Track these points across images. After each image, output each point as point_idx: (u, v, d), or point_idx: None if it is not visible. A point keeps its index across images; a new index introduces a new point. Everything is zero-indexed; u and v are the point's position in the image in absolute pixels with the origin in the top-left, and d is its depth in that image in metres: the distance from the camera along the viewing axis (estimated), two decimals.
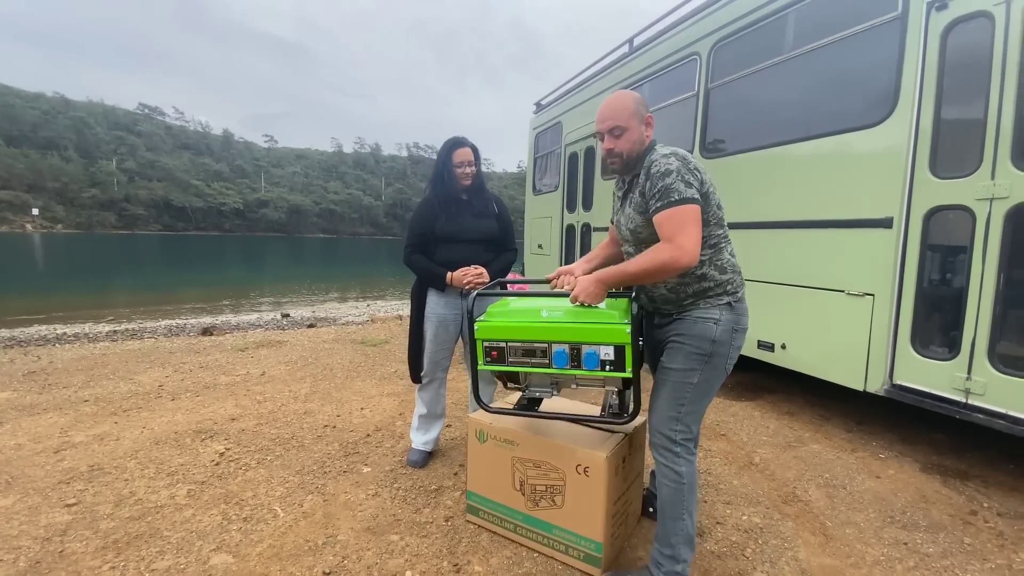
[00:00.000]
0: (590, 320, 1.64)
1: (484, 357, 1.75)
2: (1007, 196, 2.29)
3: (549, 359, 1.67)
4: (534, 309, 1.74)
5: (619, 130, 1.67)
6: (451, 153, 2.47)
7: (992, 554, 1.97)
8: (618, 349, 1.60)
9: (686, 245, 1.49)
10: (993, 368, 2.35)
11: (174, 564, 1.82)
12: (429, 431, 2.66)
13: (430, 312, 2.53)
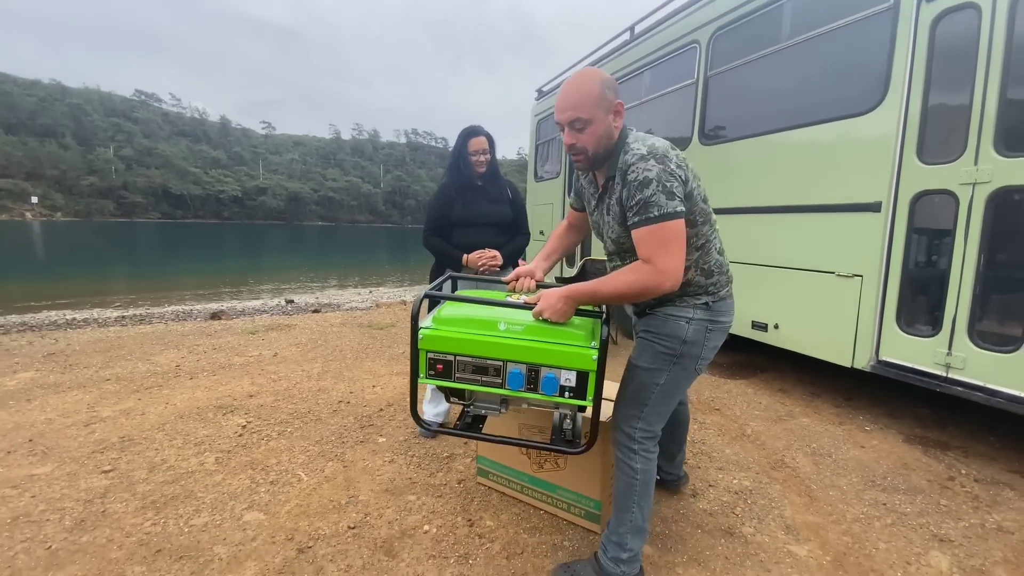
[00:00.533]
0: (554, 340, 1.47)
1: (427, 370, 1.55)
2: (989, 181, 2.42)
3: (503, 379, 1.50)
4: (491, 320, 1.54)
5: (581, 123, 1.46)
6: (467, 142, 2.61)
7: (966, 514, 2.13)
8: (581, 375, 1.45)
9: (668, 268, 1.36)
10: (972, 344, 2.49)
11: (210, 520, 1.98)
12: (440, 404, 2.82)
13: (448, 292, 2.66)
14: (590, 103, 1.44)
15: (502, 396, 1.61)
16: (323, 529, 1.92)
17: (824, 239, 3.19)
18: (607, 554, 1.61)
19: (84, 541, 1.86)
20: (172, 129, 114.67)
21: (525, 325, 1.52)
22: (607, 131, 1.48)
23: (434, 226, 2.68)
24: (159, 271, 17.64)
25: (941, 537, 1.95)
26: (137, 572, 1.69)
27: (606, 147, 1.50)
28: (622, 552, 1.59)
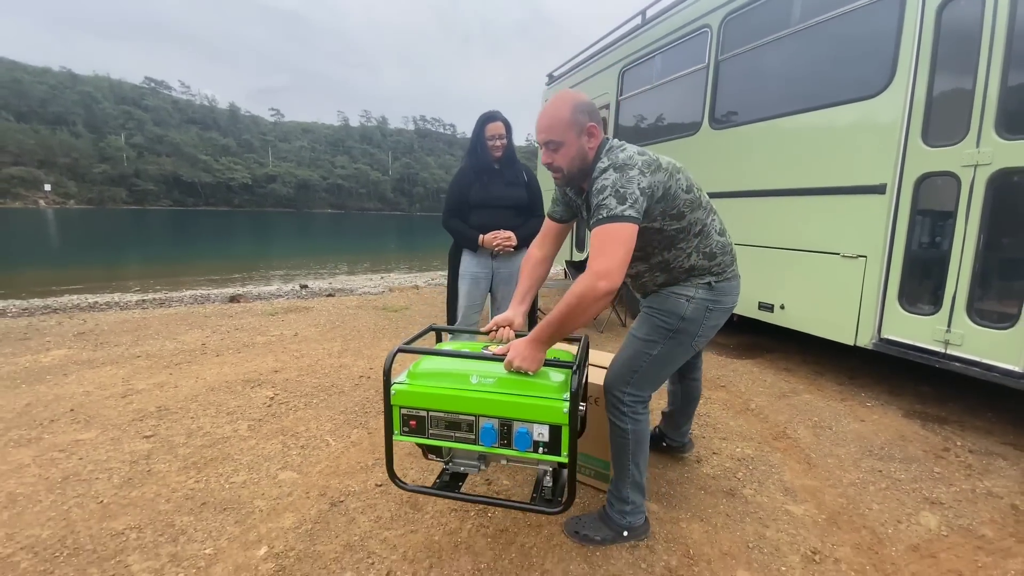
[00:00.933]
0: (523, 393, 1.44)
1: (401, 426, 1.53)
2: (990, 163, 2.49)
3: (476, 434, 1.47)
4: (463, 374, 1.51)
5: (554, 144, 1.56)
6: (484, 127, 2.73)
7: (958, 481, 2.24)
8: (554, 429, 1.41)
9: (600, 269, 1.37)
10: (971, 321, 2.58)
11: (249, 479, 2.14)
12: None
13: (464, 270, 2.83)
14: (562, 126, 1.54)
15: (479, 452, 1.56)
16: (353, 486, 2.08)
17: (830, 221, 3.26)
18: (612, 508, 1.76)
19: (133, 496, 2.02)
20: (182, 116, 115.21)
21: (497, 378, 1.48)
22: (580, 152, 1.57)
23: (453, 208, 2.81)
24: (173, 258, 17.94)
25: (932, 500, 2.07)
26: (186, 521, 1.85)
27: (580, 166, 1.59)
28: (625, 505, 1.73)
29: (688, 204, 1.59)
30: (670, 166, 1.57)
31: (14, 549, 1.70)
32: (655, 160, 1.53)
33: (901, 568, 1.66)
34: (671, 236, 1.62)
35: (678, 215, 1.58)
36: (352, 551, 1.70)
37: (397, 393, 1.50)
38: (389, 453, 1.60)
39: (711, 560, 1.68)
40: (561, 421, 1.39)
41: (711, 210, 1.70)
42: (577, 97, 1.57)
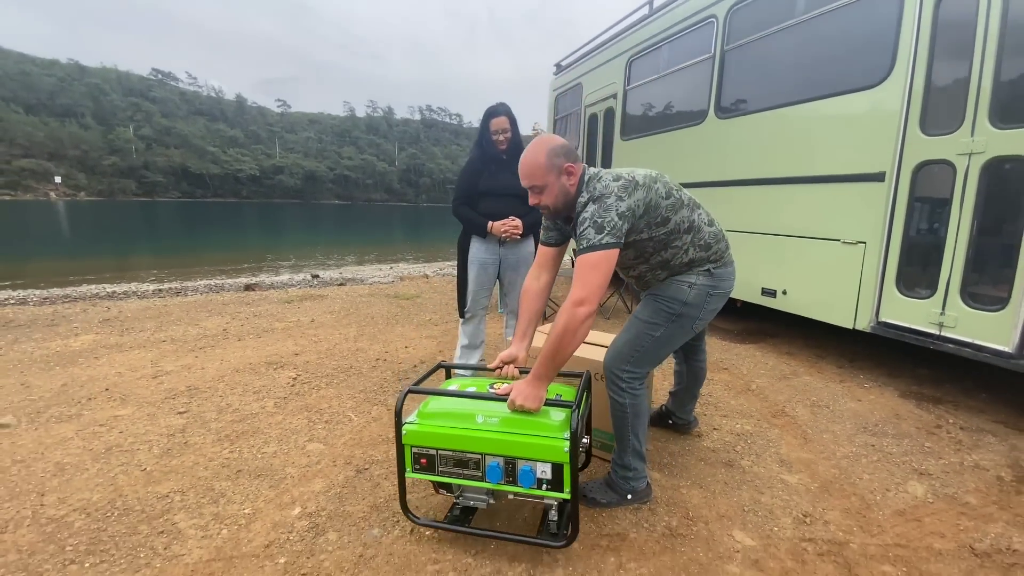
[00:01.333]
0: (526, 432, 1.53)
1: (412, 464, 1.63)
2: (984, 151, 2.58)
3: (482, 472, 1.55)
4: (469, 413, 1.61)
5: (537, 188, 1.72)
6: (489, 121, 2.84)
7: (947, 455, 2.36)
8: (556, 467, 1.49)
9: (578, 296, 1.54)
10: (964, 304, 2.69)
11: (279, 449, 2.30)
12: (471, 359, 3.10)
13: (473, 256, 2.95)
14: (541, 172, 1.69)
15: (487, 488, 1.62)
16: (376, 456, 2.23)
17: (831, 208, 3.36)
18: (616, 474, 1.90)
19: (174, 464, 2.19)
20: (189, 108, 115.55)
21: (501, 417, 1.57)
22: (562, 190, 1.72)
23: (463, 196, 2.93)
24: (183, 249, 18.16)
25: (921, 471, 2.19)
26: (224, 486, 2.02)
27: (565, 201, 1.74)
28: (627, 471, 1.87)
29: (670, 208, 1.71)
30: (647, 179, 1.69)
31: (67, 511, 1.86)
32: (631, 181, 1.66)
33: (887, 529, 1.79)
34: (663, 239, 1.75)
35: (663, 221, 1.71)
36: (378, 511, 1.85)
37: (408, 433, 1.60)
38: (402, 489, 1.69)
39: (708, 521, 1.82)
40: (562, 460, 1.47)
41: (694, 206, 1.81)
42: (551, 142, 1.72)
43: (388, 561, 1.59)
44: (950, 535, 1.77)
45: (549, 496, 1.54)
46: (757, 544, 1.70)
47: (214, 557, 1.61)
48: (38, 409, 2.74)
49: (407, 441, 1.61)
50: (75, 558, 1.61)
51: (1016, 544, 1.72)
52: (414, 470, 1.64)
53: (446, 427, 1.59)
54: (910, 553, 1.67)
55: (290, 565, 1.58)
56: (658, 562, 1.60)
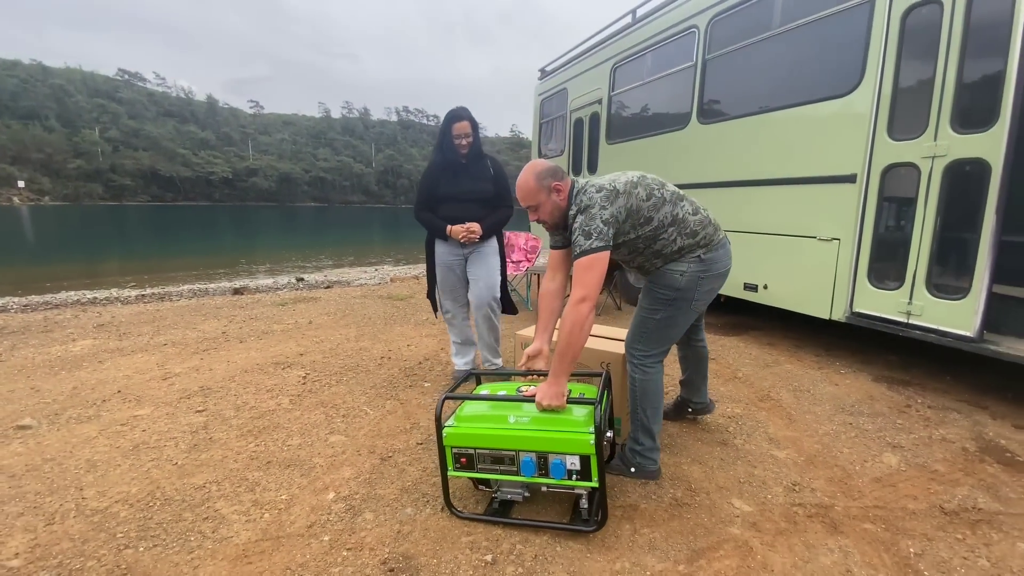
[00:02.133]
0: (555, 429, 1.69)
1: (454, 464, 1.79)
2: (946, 155, 2.84)
3: (517, 467, 1.72)
4: (502, 416, 1.78)
5: (533, 207, 1.97)
6: (451, 125, 2.88)
7: (917, 430, 2.60)
8: (584, 459, 1.65)
9: (579, 295, 1.76)
10: (929, 294, 2.95)
11: (303, 442, 2.42)
12: (466, 355, 3.25)
13: (439, 259, 3.07)
14: (532, 193, 1.93)
15: (522, 482, 1.78)
16: (397, 445, 2.37)
17: (807, 208, 3.61)
18: (626, 448, 2.12)
19: (204, 458, 2.29)
20: (158, 109, 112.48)
21: (532, 416, 1.74)
22: (554, 206, 1.96)
23: (423, 201, 3.01)
24: (155, 253, 17.82)
25: (894, 445, 2.43)
26: (257, 476, 2.13)
27: (559, 214, 1.98)
28: (636, 445, 2.09)
29: (651, 208, 1.92)
30: (627, 185, 1.89)
31: (109, 503, 1.96)
32: (613, 189, 1.87)
33: (866, 494, 2.01)
34: (650, 235, 1.96)
35: (647, 220, 1.92)
36: (408, 493, 1.99)
37: (448, 435, 1.76)
38: (445, 487, 1.85)
39: (710, 492, 2.01)
40: (589, 452, 1.63)
41: (677, 200, 1.98)
42: (537, 167, 1.96)
43: (425, 535, 1.74)
44: (922, 497, 2.00)
45: (579, 486, 1.70)
46: (754, 510, 1.90)
47: (261, 537, 1.74)
48: (55, 411, 2.80)
49: (448, 443, 1.77)
50: (128, 543, 1.72)
51: (981, 504, 1.96)
52: (455, 469, 1.80)
53: (482, 428, 1.75)
54: (887, 513, 1.88)
55: (334, 542, 1.71)
56: (668, 527, 1.79)
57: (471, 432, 1.75)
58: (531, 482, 1.75)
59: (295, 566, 1.60)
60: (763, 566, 1.60)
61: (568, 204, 1.94)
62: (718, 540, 1.72)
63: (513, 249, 5.81)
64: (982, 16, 2.70)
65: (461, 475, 1.82)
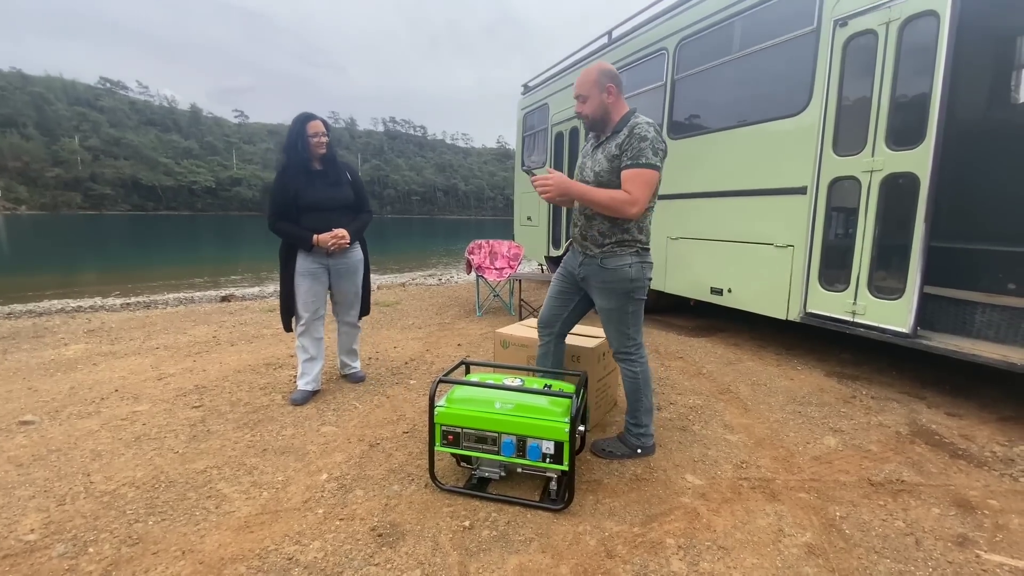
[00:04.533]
0: (535, 416, 1.90)
1: (441, 440, 1.99)
2: (882, 169, 3.15)
3: (498, 447, 1.93)
4: (489, 400, 1.98)
5: (582, 97, 2.12)
6: (305, 125, 2.82)
7: (858, 416, 2.87)
8: (558, 445, 1.86)
9: (639, 200, 2.00)
10: (871, 295, 3.24)
11: (296, 432, 2.61)
12: (312, 372, 3.05)
13: (302, 268, 2.93)
14: (588, 84, 2.12)
15: (501, 462, 2.00)
16: (384, 434, 2.57)
17: (765, 217, 3.91)
18: (630, 433, 2.36)
19: (203, 447, 2.46)
20: (140, 118, 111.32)
21: (515, 403, 1.95)
22: (600, 103, 2.13)
23: (280, 211, 2.85)
24: (139, 264, 17.68)
25: (836, 429, 2.69)
26: (255, 461, 2.31)
27: (602, 116, 2.15)
28: (640, 428, 2.34)
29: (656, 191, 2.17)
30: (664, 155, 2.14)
31: (116, 485, 2.13)
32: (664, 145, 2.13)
33: (804, 470, 2.26)
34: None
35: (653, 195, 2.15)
36: (395, 473, 2.19)
37: (440, 414, 1.98)
38: (431, 459, 2.06)
39: (666, 470, 2.25)
40: (563, 439, 1.85)
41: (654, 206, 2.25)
42: (603, 66, 2.15)
43: (410, 507, 1.95)
44: (853, 472, 2.25)
45: (552, 468, 1.90)
46: (704, 483, 2.13)
47: (261, 512, 1.93)
48: (55, 409, 2.94)
49: (438, 420, 1.98)
50: (138, 518, 1.89)
51: (905, 477, 2.22)
52: (442, 444, 2.01)
53: (471, 410, 1.97)
54: (821, 485, 2.14)
55: (328, 514, 1.91)
56: (627, 498, 2.01)
57: (460, 412, 1.96)
58: (509, 462, 1.97)
59: (293, 533, 1.79)
60: (707, 527, 1.84)
61: (620, 116, 2.13)
62: (670, 508, 1.96)
63: (496, 256, 6.05)
64: (911, 44, 3.03)
65: (446, 451, 2.02)
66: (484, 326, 5.11)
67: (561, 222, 7.10)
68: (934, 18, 2.90)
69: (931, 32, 2.92)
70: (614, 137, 2.10)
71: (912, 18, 3.01)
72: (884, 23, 3.14)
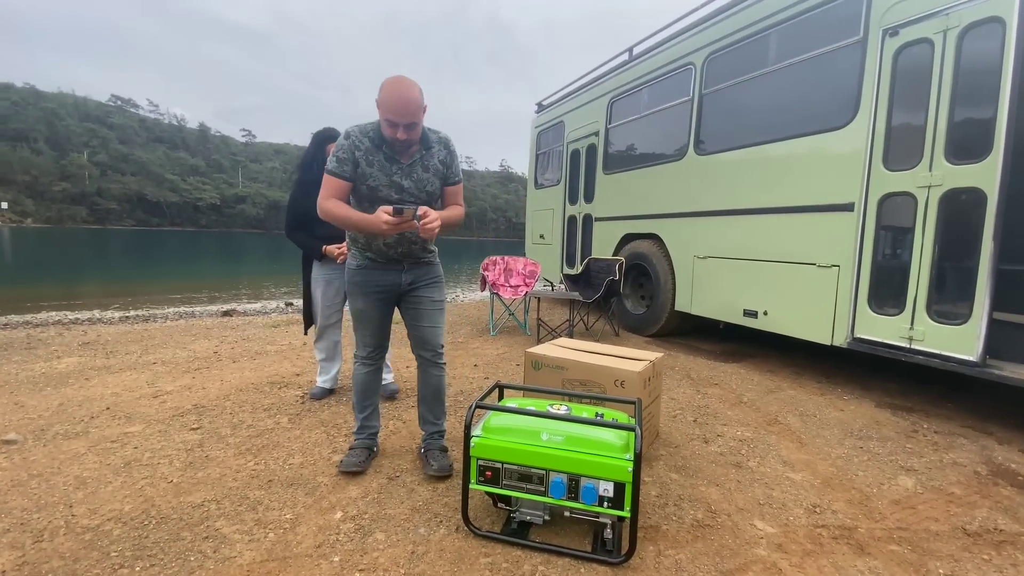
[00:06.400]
0: (591, 452, 1.60)
1: (477, 476, 1.71)
2: (941, 184, 2.93)
3: (545, 487, 1.64)
4: (534, 430, 1.69)
5: (413, 125, 1.92)
6: (323, 147, 3.05)
7: (927, 454, 2.59)
8: (618, 486, 1.56)
9: (463, 210, 2.19)
10: (930, 319, 2.99)
11: (305, 460, 2.33)
12: (330, 372, 3.28)
13: (317, 275, 3.13)
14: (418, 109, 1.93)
15: (544, 504, 1.71)
16: (404, 465, 2.29)
17: (806, 235, 3.68)
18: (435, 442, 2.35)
19: (200, 476, 2.18)
20: (149, 135, 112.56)
21: (565, 435, 1.65)
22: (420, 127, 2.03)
23: (295, 223, 3.07)
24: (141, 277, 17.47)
25: (907, 468, 2.41)
26: (259, 495, 2.03)
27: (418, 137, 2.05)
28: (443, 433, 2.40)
29: None
30: None
31: (101, 520, 1.85)
32: None
33: (887, 516, 1.97)
34: None
35: None
36: (419, 513, 1.91)
37: (476, 445, 1.69)
38: (465, 500, 1.76)
39: (730, 514, 1.96)
40: (626, 479, 1.55)
41: None
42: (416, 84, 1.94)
43: (441, 556, 1.66)
44: (943, 519, 1.97)
45: (610, 514, 1.61)
46: (777, 531, 1.85)
47: (267, 558, 1.64)
48: (40, 427, 2.67)
49: (475, 454, 1.70)
50: (123, 563, 1.61)
51: (1001, 525, 1.93)
52: (478, 482, 1.72)
53: (513, 442, 1.68)
54: (911, 535, 1.85)
55: (345, 563, 1.62)
56: (693, 549, 1.73)
57: (501, 445, 1.69)
58: (556, 504, 1.68)
59: None
60: None
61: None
62: (745, 561, 1.67)
63: (512, 273, 5.81)
64: (973, 51, 2.84)
65: (483, 489, 1.73)
66: (500, 346, 4.84)
67: (576, 240, 6.89)
68: (999, 24, 2.72)
69: (996, 39, 2.73)
70: (430, 154, 2.09)
71: (974, 25, 2.83)
72: (941, 31, 2.97)
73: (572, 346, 2.77)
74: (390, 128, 1.93)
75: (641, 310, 5.55)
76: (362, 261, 2.15)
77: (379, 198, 2.02)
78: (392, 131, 1.93)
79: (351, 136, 2.02)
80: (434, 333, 2.24)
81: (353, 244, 2.17)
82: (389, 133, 1.94)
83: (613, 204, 6.02)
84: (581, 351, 2.64)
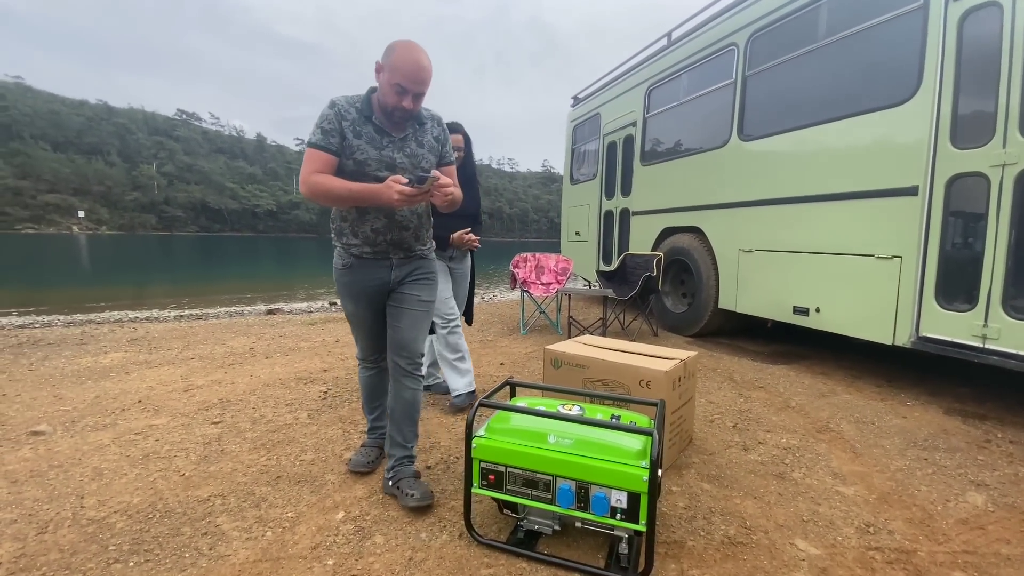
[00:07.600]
0: (602, 457, 1.46)
1: (480, 480, 1.59)
2: (1017, 162, 2.57)
3: (552, 495, 1.50)
4: (541, 432, 1.55)
5: (420, 95, 1.77)
6: None
7: (1001, 467, 2.26)
8: (632, 496, 1.41)
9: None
10: (1007, 315, 2.63)
11: (317, 457, 2.27)
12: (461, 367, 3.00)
13: None
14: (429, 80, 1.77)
15: (553, 513, 1.56)
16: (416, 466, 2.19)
17: (863, 224, 3.35)
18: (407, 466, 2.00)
19: (212, 470, 2.16)
20: (211, 146, 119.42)
21: (575, 438, 1.51)
22: None
23: None
24: (198, 280, 18.40)
25: (978, 483, 2.10)
26: (265, 491, 1.98)
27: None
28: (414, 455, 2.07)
29: None
30: None
31: (107, 513, 1.84)
32: None
33: (952, 537, 1.71)
34: None
35: None
36: (423, 516, 1.80)
37: (478, 447, 1.57)
38: (467, 505, 1.63)
39: (768, 531, 1.75)
40: (640, 489, 1.39)
41: None
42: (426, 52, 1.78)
43: (439, 564, 1.54)
44: (1015, 541, 1.69)
45: (622, 527, 1.45)
46: (822, 553, 1.62)
47: (260, 558, 1.57)
48: (72, 419, 2.74)
49: (477, 455, 1.58)
50: (119, 557, 1.58)
51: None
52: (481, 486, 1.60)
53: (517, 444, 1.55)
54: (979, 559, 1.58)
55: (339, 567, 1.53)
56: (721, 569, 1.53)
57: (504, 446, 1.55)
58: (565, 514, 1.53)
59: None
60: None
61: None
62: None
63: (543, 271, 5.66)
64: None
65: (486, 494, 1.60)
66: (529, 344, 4.70)
67: (613, 236, 6.65)
68: None
69: None
70: (423, 129, 1.91)
71: None
72: None
73: (597, 344, 2.60)
74: (396, 95, 1.72)
75: (682, 308, 5.27)
76: (347, 259, 1.93)
77: (367, 175, 1.79)
78: (398, 99, 1.73)
79: (336, 105, 1.79)
80: (413, 338, 1.95)
81: (337, 239, 1.96)
82: (394, 101, 1.73)
83: (651, 197, 5.76)
84: (605, 349, 2.47)
